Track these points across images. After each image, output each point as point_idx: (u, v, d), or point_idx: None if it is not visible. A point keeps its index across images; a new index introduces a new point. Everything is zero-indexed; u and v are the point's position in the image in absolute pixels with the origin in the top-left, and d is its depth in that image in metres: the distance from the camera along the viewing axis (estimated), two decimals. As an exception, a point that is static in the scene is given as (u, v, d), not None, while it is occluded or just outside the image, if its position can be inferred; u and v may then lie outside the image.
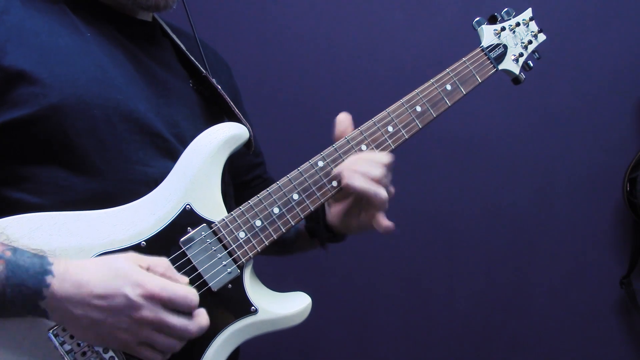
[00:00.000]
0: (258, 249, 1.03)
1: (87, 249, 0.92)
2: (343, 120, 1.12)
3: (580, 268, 2.16)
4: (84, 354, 0.91)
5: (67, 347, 0.90)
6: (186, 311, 0.91)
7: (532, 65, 1.32)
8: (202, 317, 0.93)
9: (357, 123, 1.13)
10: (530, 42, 1.32)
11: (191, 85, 1.16)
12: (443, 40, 2.07)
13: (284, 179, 1.06)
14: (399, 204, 2.09)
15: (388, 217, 1.11)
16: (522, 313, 2.17)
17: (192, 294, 0.91)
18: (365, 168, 1.05)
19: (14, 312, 0.85)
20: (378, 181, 1.05)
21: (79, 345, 0.90)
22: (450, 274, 2.16)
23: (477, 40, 1.27)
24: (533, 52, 1.33)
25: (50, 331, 0.89)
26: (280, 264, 1.86)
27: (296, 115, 2.10)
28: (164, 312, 0.88)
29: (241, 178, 1.30)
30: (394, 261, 2.15)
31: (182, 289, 0.90)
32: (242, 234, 1.02)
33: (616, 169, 2.10)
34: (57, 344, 0.89)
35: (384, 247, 2.13)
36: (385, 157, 1.08)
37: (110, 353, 0.92)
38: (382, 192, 1.05)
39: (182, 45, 1.17)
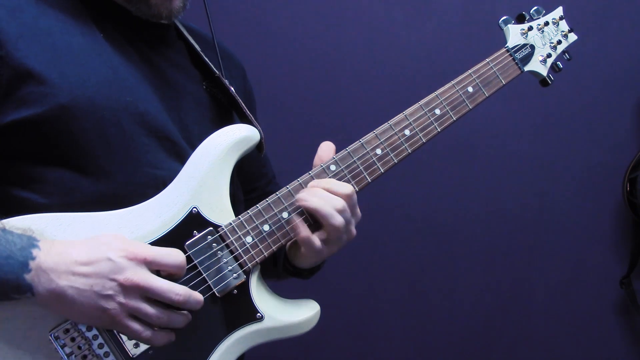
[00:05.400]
0: (265, 254, 1.01)
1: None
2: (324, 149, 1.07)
3: (580, 268, 2.16)
4: (84, 357, 0.90)
5: (68, 350, 0.89)
6: (173, 271, 0.90)
7: (561, 66, 1.27)
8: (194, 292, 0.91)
9: (371, 126, 1.09)
10: (559, 42, 1.26)
11: (204, 87, 1.14)
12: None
13: (295, 183, 1.04)
14: (400, 205, 2.09)
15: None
16: (522, 313, 2.17)
17: (176, 252, 0.91)
18: (324, 194, 1.00)
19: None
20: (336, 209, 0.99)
21: (79, 348, 0.90)
22: (450, 274, 2.15)
23: (502, 40, 1.22)
24: (563, 52, 1.28)
25: (51, 333, 0.89)
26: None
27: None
28: (149, 273, 0.88)
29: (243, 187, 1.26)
30: (396, 262, 2.14)
31: (166, 249, 0.90)
32: (249, 239, 1.00)
33: (616, 169, 2.10)
34: (57, 347, 0.89)
35: (387, 248, 2.12)
36: (345, 188, 1.01)
37: (112, 357, 0.91)
38: (338, 218, 0.99)
39: (197, 47, 1.16)
